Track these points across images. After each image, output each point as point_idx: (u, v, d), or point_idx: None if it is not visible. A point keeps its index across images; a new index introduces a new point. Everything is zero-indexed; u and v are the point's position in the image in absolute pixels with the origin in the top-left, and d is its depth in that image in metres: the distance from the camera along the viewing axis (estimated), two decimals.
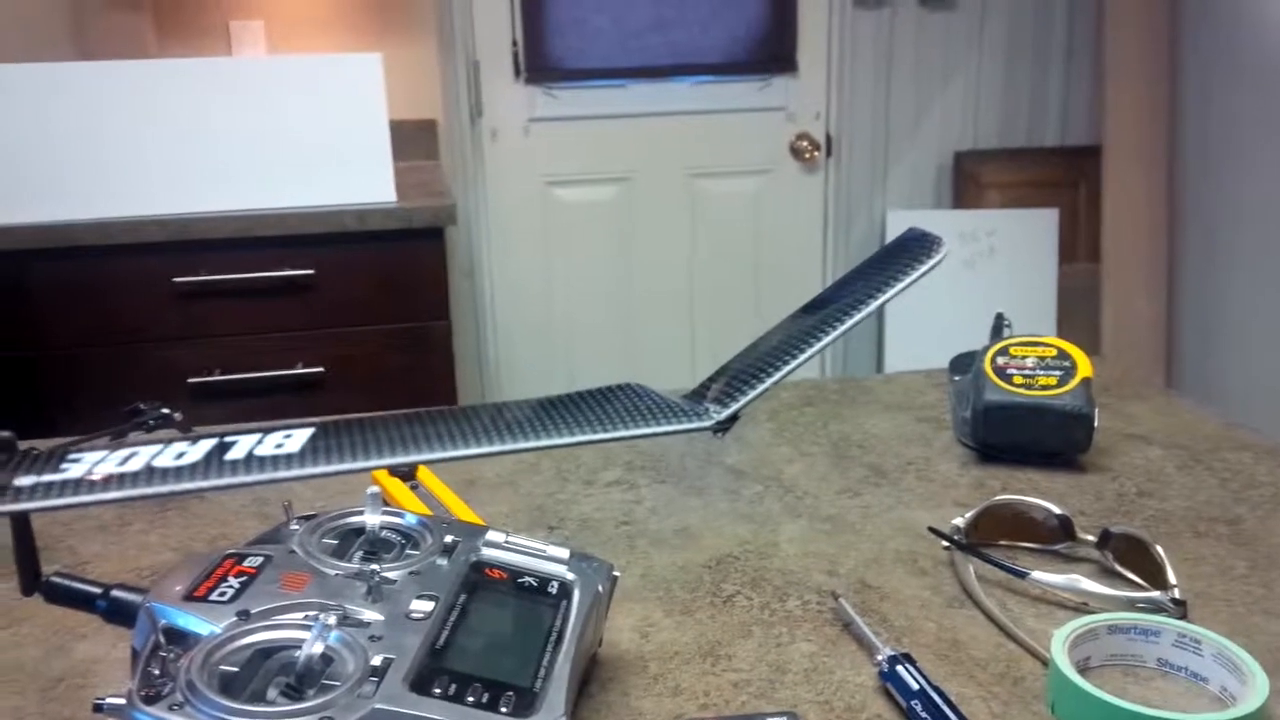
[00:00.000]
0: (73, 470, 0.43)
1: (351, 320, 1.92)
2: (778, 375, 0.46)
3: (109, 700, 0.43)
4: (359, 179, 1.89)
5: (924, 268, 0.50)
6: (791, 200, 2.74)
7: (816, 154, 2.72)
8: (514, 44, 2.51)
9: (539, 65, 2.54)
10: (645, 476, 0.81)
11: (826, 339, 0.48)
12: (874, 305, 0.49)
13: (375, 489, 0.55)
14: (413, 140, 2.45)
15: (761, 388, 0.46)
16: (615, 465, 0.83)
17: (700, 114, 2.66)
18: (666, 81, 2.64)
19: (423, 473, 0.77)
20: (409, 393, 1.94)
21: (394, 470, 0.76)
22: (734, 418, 0.46)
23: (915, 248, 0.52)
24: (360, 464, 0.44)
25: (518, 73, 2.53)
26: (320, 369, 1.89)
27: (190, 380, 1.88)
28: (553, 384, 2.66)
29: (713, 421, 0.46)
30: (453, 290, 2.54)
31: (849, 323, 0.48)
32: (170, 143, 1.84)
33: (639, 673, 0.55)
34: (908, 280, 0.50)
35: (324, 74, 1.87)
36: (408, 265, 1.92)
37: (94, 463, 0.44)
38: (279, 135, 1.87)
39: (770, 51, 2.67)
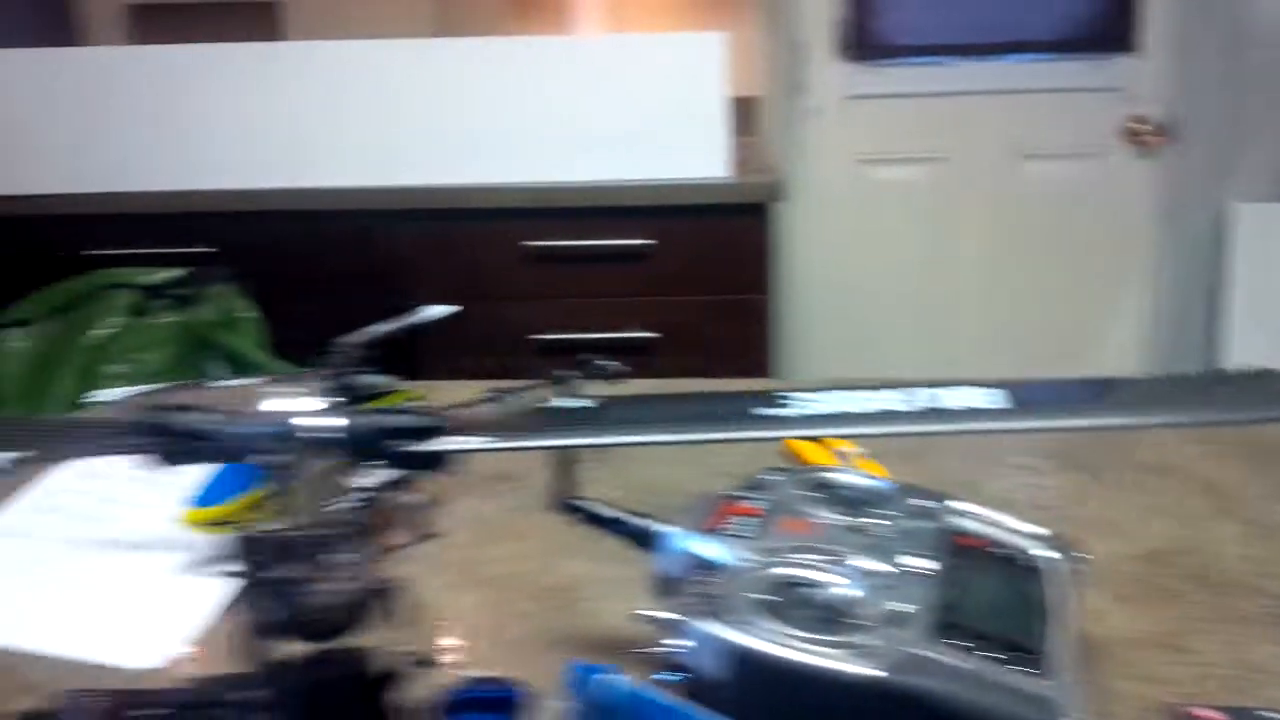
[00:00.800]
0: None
1: (681, 290, 2.00)
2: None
3: (652, 614, 0.50)
4: (694, 154, 1.97)
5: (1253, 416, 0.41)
6: (1121, 188, 2.59)
7: (1154, 138, 2.55)
8: (839, 20, 2.51)
9: (863, 42, 2.53)
10: (1052, 463, 0.81)
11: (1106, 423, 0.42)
12: (1157, 422, 0.41)
13: (853, 448, 0.60)
14: (733, 116, 2.50)
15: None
16: (1019, 451, 0.84)
17: (1026, 93, 2.56)
18: (994, 59, 2.56)
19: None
20: (730, 362, 2.01)
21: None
22: None
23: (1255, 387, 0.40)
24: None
25: (840, 49, 2.53)
26: (656, 334, 1.99)
27: (530, 336, 2.02)
28: (851, 365, 2.66)
29: None
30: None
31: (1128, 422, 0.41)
32: (520, 116, 1.98)
33: (1106, 657, 0.57)
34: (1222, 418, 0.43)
35: (667, 51, 1.96)
36: (735, 238, 1.98)
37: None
38: (621, 110, 1.97)
39: (1108, 28, 2.53)
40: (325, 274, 2.00)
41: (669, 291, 2.00)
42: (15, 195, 2.02)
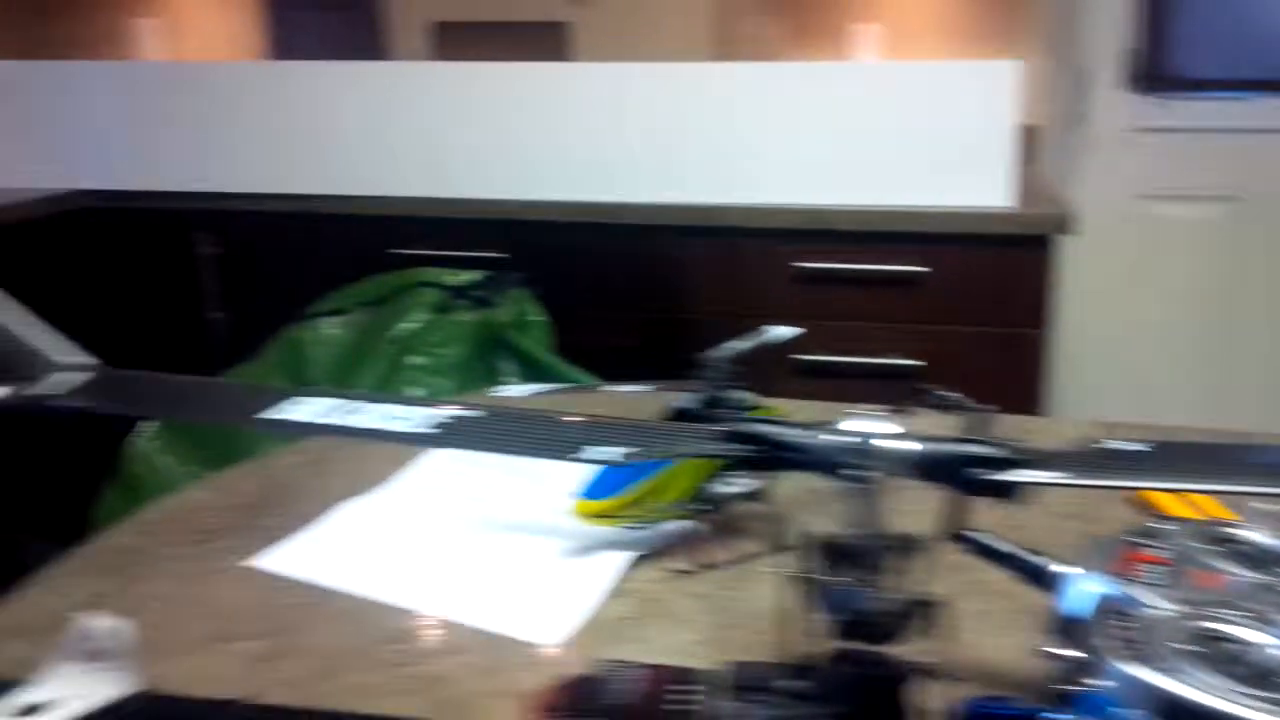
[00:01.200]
0: None
1: (951, 319, 1.98)
2: None
3: (1061, 652, 0.51)
4: (976, 182, 1.94)
5: None
6: None
7: None
8: (1129, 51, 2.42)
9: (1152, 73, 2.42)
10: None
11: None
12: None
13: (1273, 508, 0.59)
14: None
15: None
16: None
17: None
18: None
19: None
20: (995, 397, 1.97)
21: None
22: None
23: None
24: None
25: (1128, 80, 2.43)
26: (920, 362, 1.98)
27: (791, 356, 2.05)
28: (1123, 408, 2.55)
29: None
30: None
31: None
32: (802, 139, 2.01)
33: None
34: None
35: (957, 78, 1.94)
36: (1013, 270, 1.95)
37: None
38: (903, 136, 1.97)
39: None
40: (608, 284, 2.11)
41: (938, 320, 1.98)
42: (331, 195, 2.23)
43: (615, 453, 0.38)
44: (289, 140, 2.24)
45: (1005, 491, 0.35)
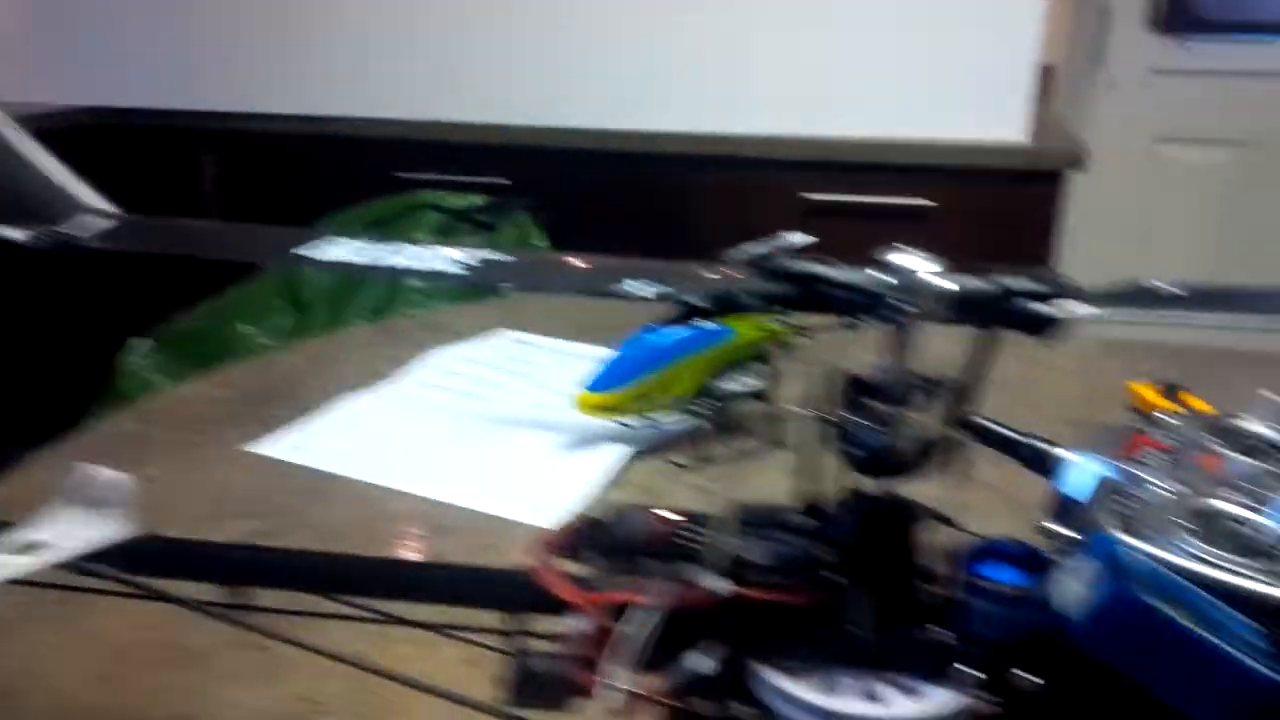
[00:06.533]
0: None
1: (957, 253, 1.96)
2: None
3: (1060, 529, 0.51)
4: (991, 115, 1.92)
5: None
6: None
7: None
8: None
9: (1174, 13, 2.38)
10: None
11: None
12: None
13: (1271, 395, 0.59)
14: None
15: None
16: None
17: None
18: None
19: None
20: None
21: (1161, 390, 0.80)
22: None
23: None
24: None
25: (1149, 20, 2.39)
26: None
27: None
28: None
29: None
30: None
31: None
32: (812, 68, 1.98)
33: None
34: None
35: (976, 10, 1.91)
36: (1024, 205, 1.92)
37: None
38: (919, 66, 1.94)
39: None
40: (612, 212, 2.09)
41: (946, 254, 1.96)
42: (335, 117, 2.20)
43: (649, 289, 0.38)
44: (293, 61, 2.21)
45: (1046, 326, 0.35)
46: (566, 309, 1.23)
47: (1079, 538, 0.52)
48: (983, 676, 0.35)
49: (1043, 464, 0.60)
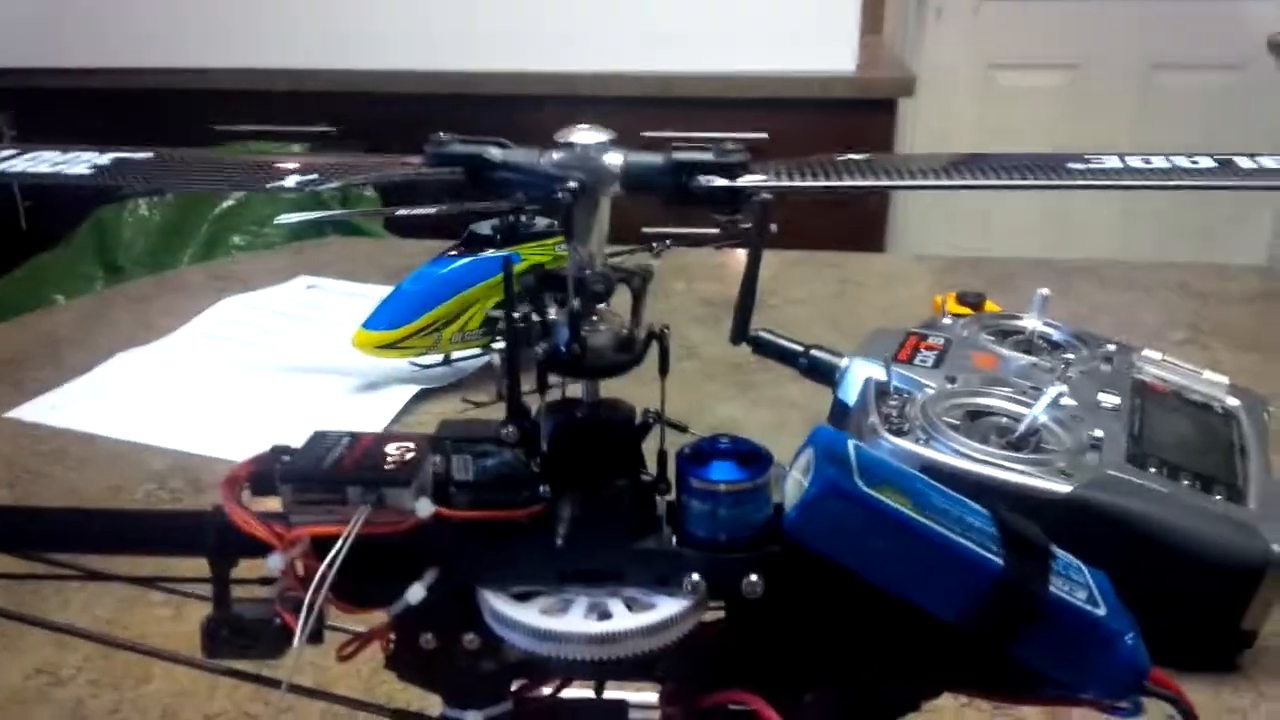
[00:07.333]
0: None
1: None
2: None
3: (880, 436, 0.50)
4: (820, 47, 1.92)
5: None
6: (1267, 103, 2.46)
7: None
8: None
9: None
10: (1218, 341, 0.79)
11: None
12: None
13: (1045, 291, 0.59)
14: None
15: None
16: (1179, 326, 0.82)
17: (1168, 1, 2.43)
18: None
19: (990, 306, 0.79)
20: None
21: (962, 299, 0.80)
22: None
23: None
24: None
25: None
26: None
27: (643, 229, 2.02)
28: None
29: None
30: None
31: None
32: (645, 4, 1.95)
33: None
34: None
35: None
36: (856, 135, 1.94)
37: None
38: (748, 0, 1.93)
39: None
40: None
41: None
42: (146, 69, 2.06)
43: (292, 182, 0.34)
44: (96, 11, 2.06)
45: (733, 199, 0.32)
46: (373, 252, 1.18)
47: (865, 439, 0.51)
48: (706, 583, 0.33)
49: (821, 373, 0.59)
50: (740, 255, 0.53)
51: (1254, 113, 2.46)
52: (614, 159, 0.33)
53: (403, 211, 0.90)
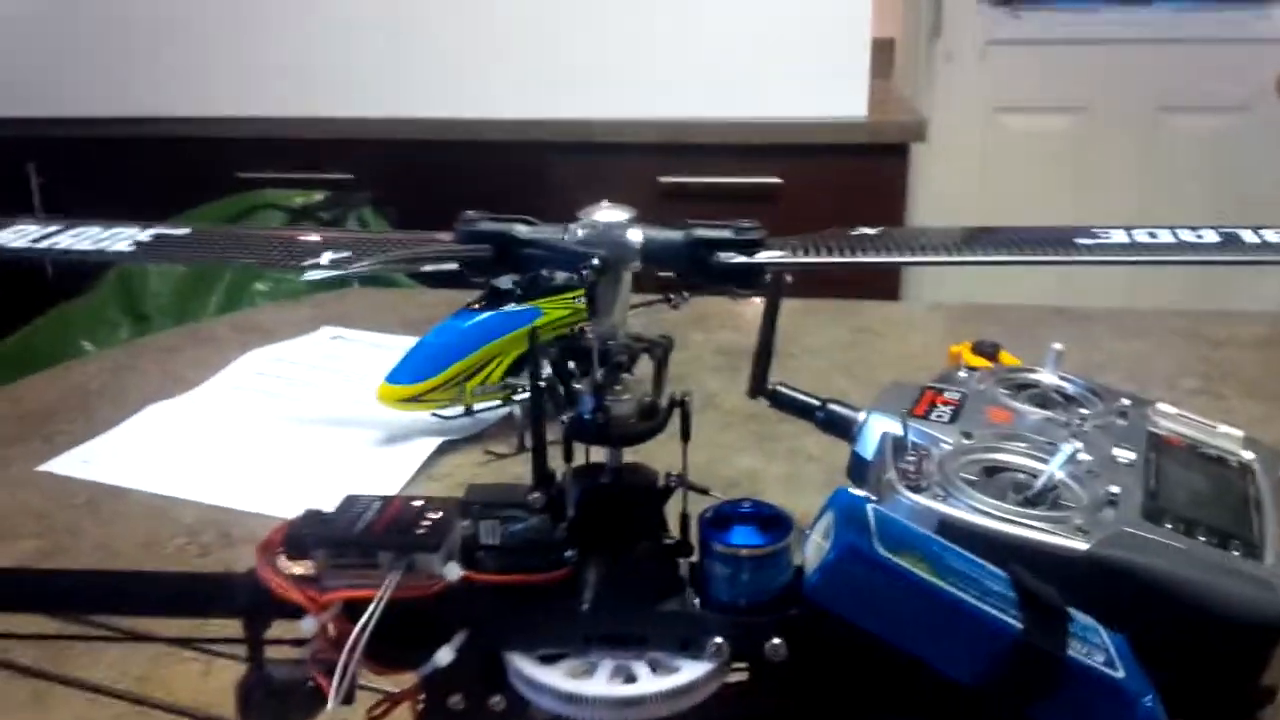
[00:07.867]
0: None
1: (808, 228, 1.99)
2: None
3: (860, 493, 0.50)
4: (832, 92, 1.94)
5: None
6: (1276, 144, 2.47)
7: None
8: None
9: None
10: (1230, 388, 0.79)
11: None
12: None
13: (1059, 346, 0.60)
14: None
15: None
16: (1192, 374, 0.82)
17: (1175, 43, 2.45)
18: (1141, 7, 2.46)
19: (1005, 357, 0.80)
20: None
21: (977, 350, 0.81)
22: None
23: None
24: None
25: None
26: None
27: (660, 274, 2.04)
28: None
29: None
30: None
31: None
32: (657, 51, 1.98)
33: None
34: None
35: None
36: (869, 180, 1.95)
37: None
38: (759, 45, 1.95)
39: None
40: (466, 203, 2.04)
41: (796, 230, 1.98)
42: (167, 118, 2.10)
43: (326, 259, 0.35)
44: (119, 62, 2.10)
45: (751, 276, 0.34)
46: (396, 302, 1.19)
47: (881, 495, 0.52)
48: (729, 645, 0.34)
49: (839, 427, 0.60)
50: (757, 304, 0.54)
51: (1262, 154, 2.47)
52: (635, 235, 0.34)
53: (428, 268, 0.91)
